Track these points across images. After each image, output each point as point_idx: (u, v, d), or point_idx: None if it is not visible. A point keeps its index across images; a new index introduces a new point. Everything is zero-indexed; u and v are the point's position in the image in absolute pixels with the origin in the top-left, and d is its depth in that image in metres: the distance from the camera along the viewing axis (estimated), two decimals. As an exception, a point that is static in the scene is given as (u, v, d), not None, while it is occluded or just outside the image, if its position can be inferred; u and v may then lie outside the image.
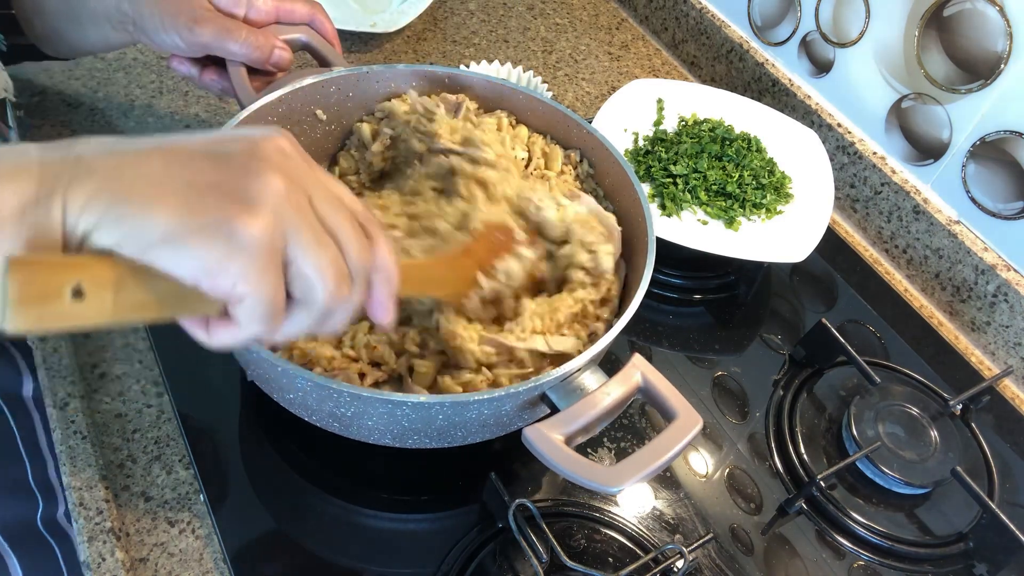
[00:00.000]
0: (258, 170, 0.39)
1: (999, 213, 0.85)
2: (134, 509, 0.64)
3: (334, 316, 0.43)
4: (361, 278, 0.43)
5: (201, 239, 0.36)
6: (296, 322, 0.42)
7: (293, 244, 0.39)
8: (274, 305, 0.39)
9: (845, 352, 0.77)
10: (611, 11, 1.25)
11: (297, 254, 0.39)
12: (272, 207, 0.38)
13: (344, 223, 0.42)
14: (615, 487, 0.53)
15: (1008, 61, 0.80)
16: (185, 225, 0.36)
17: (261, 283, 0.38)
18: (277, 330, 0.41)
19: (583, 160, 0.76)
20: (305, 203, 0.40)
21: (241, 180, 0.38)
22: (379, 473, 0.69)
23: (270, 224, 0.38)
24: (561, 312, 0.64)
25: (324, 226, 0.41)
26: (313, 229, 0.40)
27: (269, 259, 0.38)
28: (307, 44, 0.79)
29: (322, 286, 0.40)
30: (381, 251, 0.44)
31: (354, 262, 0.42)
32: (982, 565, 0.70)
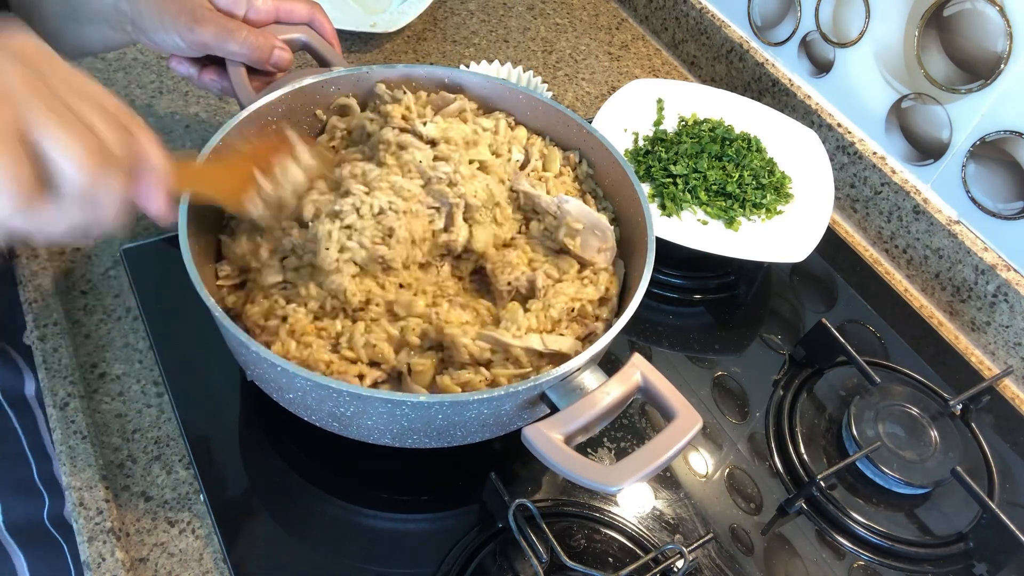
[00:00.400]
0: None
1: (999, 213, 0.85)
2: (134, 509, 0.64)
3: (99, 201, 0.42)
4: (122, 160, 0.42)
5: None
6: (60, 209, 0.41)
7: (35, 127, 0.39)
8: (18, 183, 0.39)
9: (845, 352, 0.77)
10: (611, 11, 1.25)
11: (41, 136, 0.39)
12: (5, 92, 0.38)
13: (95, 109, 0.41)
14: (615, 487, 0.53)
15: (1008, 61, 0.80)
16: None
17: (4, 164, 0.38)
18: (41, 218, 0.41)
19: (583, 160, 0.76)
20: (46, 89, 0.40)
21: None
22: (379, 473, 0.69)
23: (2, 108, 0.38)
24: (555, 308, 0.64)
25: (72, 111, 0.40)
26: (56, 111, 0.40)
27: (8, 140, 0.38)
28: (307, 44, 0.79)
29: (73, 164, 0.40)
30: (144, 142, 0.44)
31: (112, 144, 0.42)
32: (982, 565, 0.70)
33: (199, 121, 0.94)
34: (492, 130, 0.75)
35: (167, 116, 0.93)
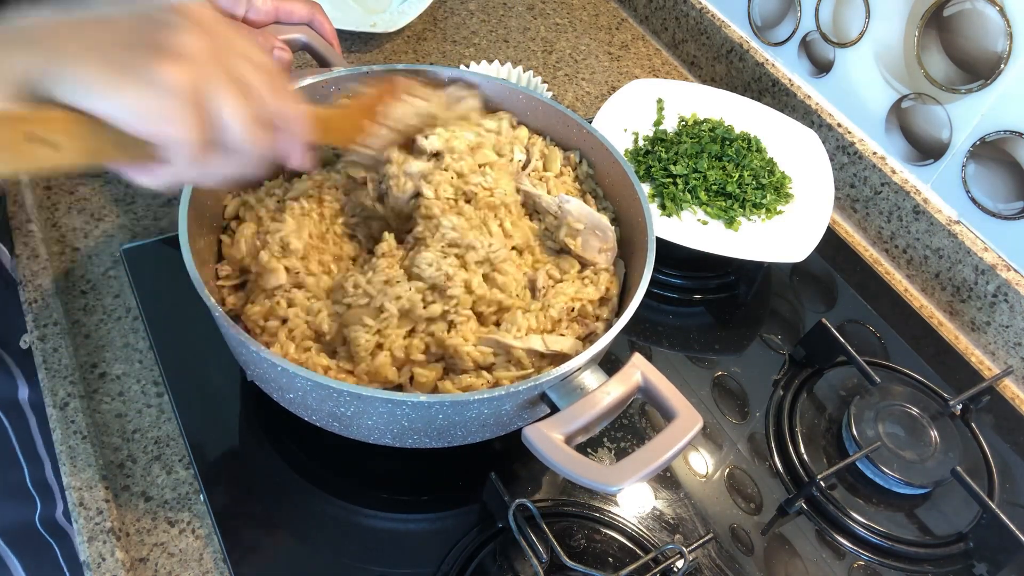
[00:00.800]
0: (177, 25, 0.43)
1: (999, 213, 0.85)
2: (134, 509, 0.64)
3: (255, 155, 0.46)
4: (277, 121, 0.47)
5: (125, 85, 0.40)
6: (222, 160, 0.45)
7: (212, 91, 0.43)
8: (198, 144, 0.43)
9: (845, 352, 0.77)
10: (611, 11, 1.25)
11: (216, 99, 0.43)
12: (188, 56, 0.42)
13: (258, 73, 0.45)
14: (615, 486, 0.53)
15: (1008, 61, 0.80)
16: (110, 74, 0.40)
17: (184, 123, 0.42)
18: (207, 171, 0.45)
19: (583, 160, 0.76)
20: (221, 55, 0.44)
21: (160, 34, 0.42)
22: (379, 473, 0.69)
23: (186, 70, 0.41)
24: (554, 308, 0.64)
25: (238, 76, 0.44)
26: (229, 77, 0.44)
27: (188, 102, 0.42)
28: (307, 44, 0.79)
29: (240, 128, 0.44)
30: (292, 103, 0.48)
31: (270, 106, 0.46)
32: (982, 565, 0.70)
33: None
34: (496, 131, 0.75)
35: (167, 116, 0.93)
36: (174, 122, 0.42)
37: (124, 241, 0.80)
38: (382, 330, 0.60)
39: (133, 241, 0.80)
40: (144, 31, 0.42)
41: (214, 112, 0.43)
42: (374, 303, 0.61)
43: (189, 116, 0.42)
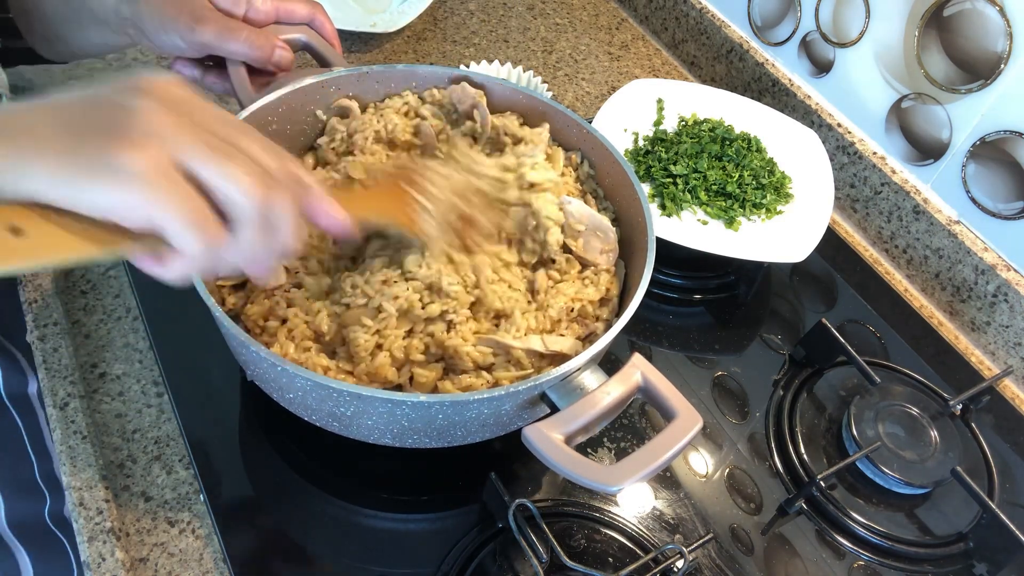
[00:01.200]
0: (134, 103, 0.39)
1: (999, 213, 0.85)
2: (134, 509, 0.64)
3: (274, 224, 0.42)
4: (287, 181, 0.43)
5: (91, 178, 0.38)
6: (241, 235, 0.42)
7: (192, 162, 0.40)
8: (197, 220, 0.40)
9: (845, 352, 0.77)
10: (611, 11, 1.25)
11: (200, 168, 0.40)
12: (151, 132, 0.39)
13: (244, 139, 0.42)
14: (615, 487, 0.52)
15: (1008, 61, 0.80)
16: (71, 167, 0.38)
17: (165, 201, 0.38)
18: (224, 251, 0.41)
19: (584, 161, 0.76)
20: (193, 125, 0.40)
21: (117, 114, 0.39)
22: (379, 473, 0.69)
23: (150, 148, 0.38)
24: (553, 308, 0.64)
25: (216, 137, 0.41)
26: (209, 144, 0.40)
27: (163, 178, 0.38)
28: (307, 44, 0.78)
29: (241, 190, 0.40)
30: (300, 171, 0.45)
31: (270, 167, 0.42)
32: (982, 565, 0.70)
33: (199, 121, 0.94)
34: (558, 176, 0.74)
35: (167, 116, 0.93)
36: (158, 205, 0.39)
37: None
38: (381, 330, 0.60)
39: (133, 241, 0.80)
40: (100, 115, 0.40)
41: (206, 184, 0.40)
42: (372, 303, 0.61)
43: (173, 193, 0.39)
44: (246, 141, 0.42)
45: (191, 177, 0.40)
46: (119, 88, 0.41)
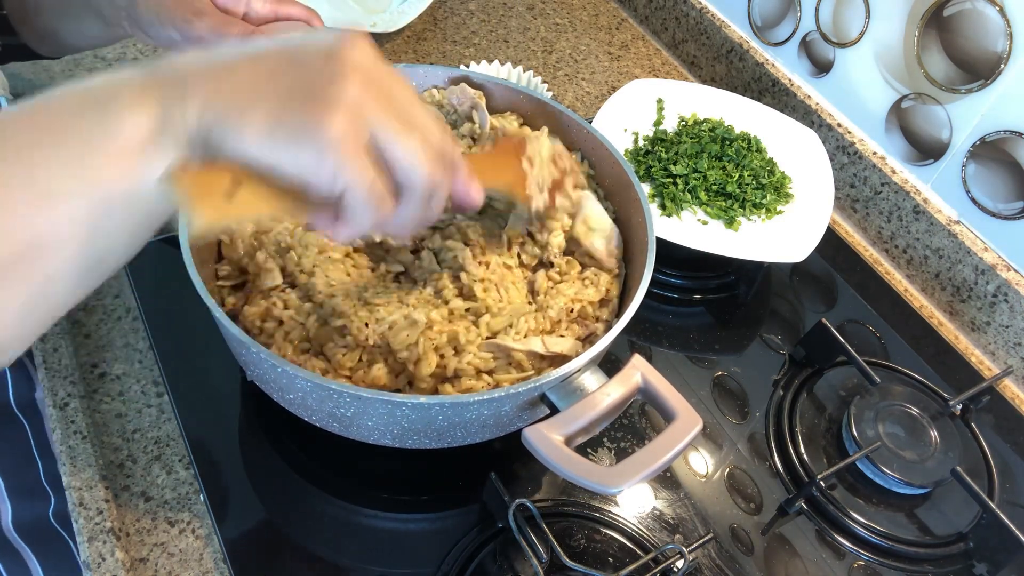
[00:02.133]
0: (335, 72, 0.41)
1: (999, 213, 0.85)
2: (134, 509, 0.64)
3: (435, 197, 0.45)
4: (448, 157, 0.46)
5: (291, 141, 0.40)
6: (406, 207, 0.44)
7: (381, 135, 0.42)
8: (374, 191, 0.42)
9: (845, 352, 0.77)
10: (611, 11, 1.25)
11: (387, 143, 0.42)
12: (350, 104, 0.40)
13: (421, 113, 0.45)
14: (615, 488, 0.53)
15: (1008, 61, 0.80)
16: (275, 129, 0.40)
17: (354, 172, 0.41)
18: (390, 218, 0.44)
19: (584, 160, 0.76)
20: (384, 97, 0.42)
21: (320, 82, 0.41)
22: (379, 473, 0.69)
23: (348, 119, 0.40)
24: (553, 309, 0.64)
25: (404, 115, 0.43)
26: (398, 118, 0.42)
27: (355, 150, 0.41)
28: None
29: (420, 172, 0.43)
30: (455, 147, 0.48)
31: (440, 146, 0.45)
32: (982, 565, 0.70)
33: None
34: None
35: (167, 116, 0.93)
36: (344, 172, 0.41)
37: (124, 241, 0.80)
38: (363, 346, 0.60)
39: (133, 241, 0.80)
40: (302, 76, 0.41)
41: (391, 157, 0.43)
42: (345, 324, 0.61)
43: (359, 164, 0.41)
44: (421, 114, 0.44)
45: (376, 148, 0.42)
46: (317, 47, 0.42)
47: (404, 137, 0.42)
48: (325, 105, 0.40)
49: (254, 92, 0.40)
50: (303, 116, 0.40)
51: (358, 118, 0.41)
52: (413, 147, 0.43)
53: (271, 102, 0.40)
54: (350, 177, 0.41)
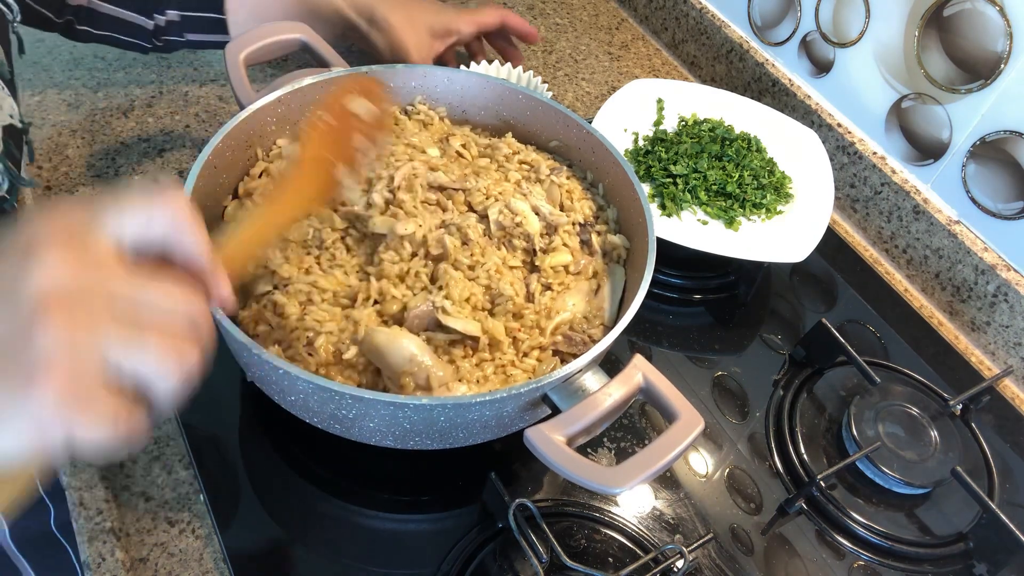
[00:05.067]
0: (29, 323, 0.37)
1: (999, 213, 0.85)
2: (134, 509, 0.64)
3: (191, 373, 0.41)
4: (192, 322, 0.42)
5: (7, 424, 0.37)
6: (163, 404, 0.41)
7: (107, 355, 0.38)
8: (113, 424, 0.38)
9: (845, 352, 0.77)
10: (611, 11, 1.24)
11: (118, 360, 0.38)
12: (55, 354, 0.37)
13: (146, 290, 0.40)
14: (618, 488, 0.53)
15: (1008, 61, 0.80)
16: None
17: (85, 425, 0.37)
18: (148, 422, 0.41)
19: (581, 162, 0.76)
20: (97, 312, 0.38)
21: (17, 344, 0.37)
22: (379, 473, 0.69)
23: (57, 375, 0.36)
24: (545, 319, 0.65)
25: (128, 314, 0.39)
26: (116, 330, 0.38)
27: (79, 402, 0.37)
28: (307, 44, 0.79)
29: (163, 371, 0.39)
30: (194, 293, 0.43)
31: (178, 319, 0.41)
32: (982, 565, 0.70)
33: (199, 121, 0.94)
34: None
35: (167, 116, 0.93)
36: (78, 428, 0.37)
37: (124, 241, 0.80)
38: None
39: (133, 241, 0.80)
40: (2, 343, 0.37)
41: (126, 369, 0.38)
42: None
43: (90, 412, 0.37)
44: (149, 297, 0.40)
45: (106, 367, 0.38)
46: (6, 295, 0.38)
47: (129, 349, 0.38)
48: (25, 374, 0.36)
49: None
50: (8, 395, 0.36)
51: (68, 360, 0.37)
52: (144, 354, 0.39)
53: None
54: (76, 428, 0.37)
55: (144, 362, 0.39)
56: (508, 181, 0.72)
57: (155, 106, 0.94)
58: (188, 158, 0.89)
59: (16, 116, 0.67)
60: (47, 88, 0.94)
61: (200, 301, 0.43)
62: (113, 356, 0.38)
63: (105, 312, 0.38)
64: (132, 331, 0.39)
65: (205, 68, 1.00)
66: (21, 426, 0.37)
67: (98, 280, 0.39)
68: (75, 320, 0.37)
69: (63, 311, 0.37)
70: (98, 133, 0.90)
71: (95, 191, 0.84)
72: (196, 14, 0.84)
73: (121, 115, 0.93)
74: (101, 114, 0.92)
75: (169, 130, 0.92)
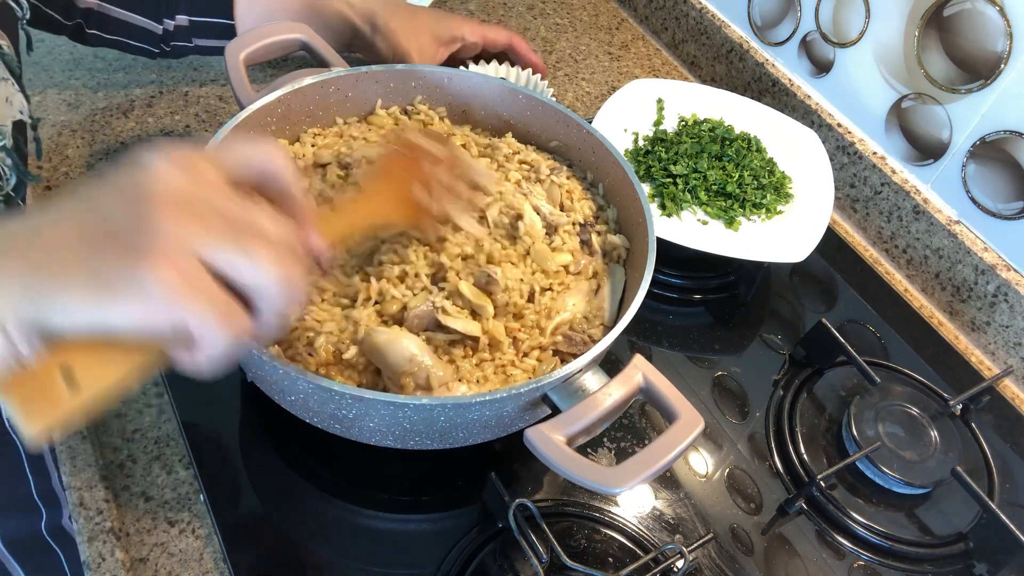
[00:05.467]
0: (143, 212, 0.39)
1: (999, 213, 0.85)
2: (134, 509, 0.64)
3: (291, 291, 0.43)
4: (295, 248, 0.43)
5: (118, 299, 0.38)
6: (265, 314, 0.42)
7: (212, 257, 0.40)
8: (222, 317, 0.40)
9: (845, 352, 0.77)
10: (611, 11, 1.25)
11: (222, 264, 0.40)
12: (165, 241, 0.38)
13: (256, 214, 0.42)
14: (618, 488, 0.53)
15: (1008, 61, 0.80)
16: (98, 291, 0.38)
17: (195, 310, 0.39)
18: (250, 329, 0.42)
19: (580, 162, 0.76)
20: (204, 215, 0.40)
21: (130, 228, 0.39)
22: (379, 473, 0.69)
23: (167, 258, 0.38)
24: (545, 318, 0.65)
25: (233, 225, 0.41)
26: (223, 232, 0.40)
27: (182, 285, 0.38)
28: (307, 44, 0.79)
29: (262, 276, 0.41)
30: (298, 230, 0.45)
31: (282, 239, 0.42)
32: (982, 565, 0.70)
33: (199, 121, 0.94)
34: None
35: (167, 116, 0.93)
36: (183, 313, 0.39)
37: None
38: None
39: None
40: (112, 227, 0.39)
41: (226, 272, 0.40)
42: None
43: (196, 300, 0.39)
44: (254, 214, 0.42)
45: (213, 269, 0.40)
46: (121, 189, 0.40)
47: (236, 252, 0.40)
48: (137, 252, 0.38)
49: (66, 257, 0.39)
50: (120, 269, 0.38)
51: (180, 251, 0.39)
52: (249, 257, 0.40)
53: (86, 263, 0.38)
54: (187, 314, 0.39)
55: (251, 268, 0.40)
56: (508, 181, 0.72)
57: (155, 106, 0.94)
58: (188, 158, 0.89)
59: (26, 112, 0.68)
60: (47, 88, 0.94)
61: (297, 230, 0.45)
62: (222, 257, 0.40)
63: (214, 217, 0.40)
64: (240, 237, 0.40)
65: (205, 68, 1.00)
66: (132, 304, 0.38)
67: (207, 193, 0.41)
68: (186, 218, 0.39)
69: (176, 208, 0.39)
70: (98, 133, 0.90)
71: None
72: (205, 19, 0.84)
73: (121, 115, 0.93)
74: (101, 114, 0.92)
75: (169, 130, 0.92)
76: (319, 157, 0.72)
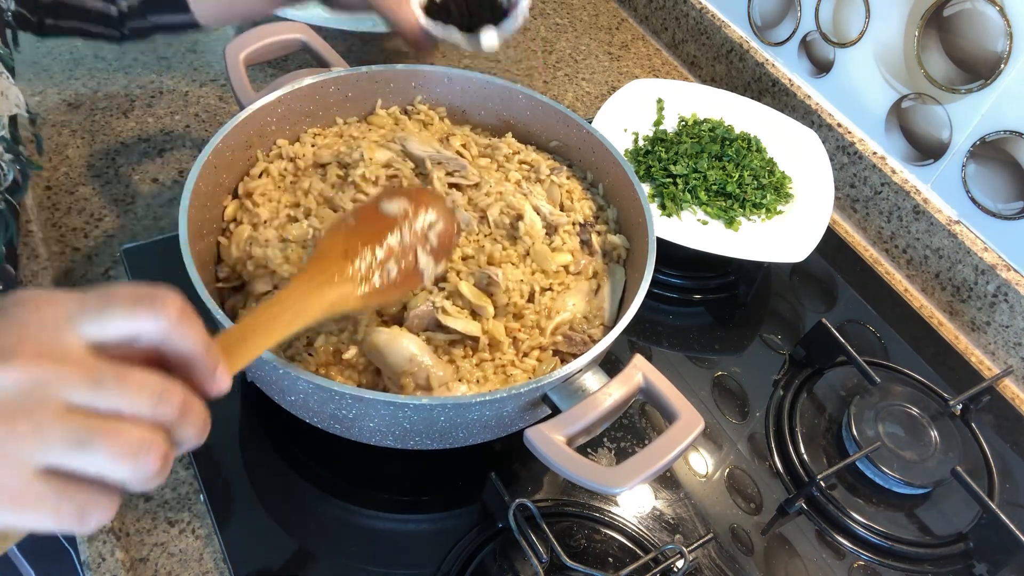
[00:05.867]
0: None
1: (999, 213, 0.85)
2: (134, 509, 0.64)
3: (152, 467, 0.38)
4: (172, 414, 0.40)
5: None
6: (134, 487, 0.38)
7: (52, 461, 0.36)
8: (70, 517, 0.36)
9: (845, 352, 0.77)
10: (611, 11, 1.25)
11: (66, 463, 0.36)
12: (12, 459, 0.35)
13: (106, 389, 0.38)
14: (619, 488, 0.53)
15: (1008, 61, 0.80)
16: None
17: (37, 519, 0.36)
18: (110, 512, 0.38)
19: (581, 162, 0.76)
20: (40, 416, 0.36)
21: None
22: (379, 473, 0.69)
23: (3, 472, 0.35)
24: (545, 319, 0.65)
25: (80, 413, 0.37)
26: (60, 433, 0.36)
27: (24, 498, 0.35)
28: (306, 44, 0.79)
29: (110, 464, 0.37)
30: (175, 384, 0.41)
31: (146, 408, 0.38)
32: (982, 565, 0.70)
33: (199, 121, 0.94)
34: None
35: (167, 116, 0.93)
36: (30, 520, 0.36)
37: (124, 241, 0.80)
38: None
39: (133, 241, 0.80)
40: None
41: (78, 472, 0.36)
42: None
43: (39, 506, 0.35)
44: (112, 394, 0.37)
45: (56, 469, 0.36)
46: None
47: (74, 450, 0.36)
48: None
49: None
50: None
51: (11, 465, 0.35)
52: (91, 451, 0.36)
53: None
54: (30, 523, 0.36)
55: (91, 462, 0.36)
56: (508, 181, 0.72)
57: (155, 106, 0.94)
58: (188, 158, 0.89)
59: (22, 106, 0.67)
60: (47, 88, 0.94)
61: (183, 391, 0.41)
62: (54, 459, 0.36)
63: (51, 415, 0.36)
64: (80, 431, 0.36)
65: (205, 68, 1.00)
66: None
67: (53, 380, 0.37)
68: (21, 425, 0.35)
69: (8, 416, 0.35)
70: (98, 133, 0.90)
71: (96, 191, 0.84)
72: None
73: (121, 115, 0.93)
74: (101, 114, 0.92)
75: (169, 130, 0.92)
76: (319, 157, 0.72)
